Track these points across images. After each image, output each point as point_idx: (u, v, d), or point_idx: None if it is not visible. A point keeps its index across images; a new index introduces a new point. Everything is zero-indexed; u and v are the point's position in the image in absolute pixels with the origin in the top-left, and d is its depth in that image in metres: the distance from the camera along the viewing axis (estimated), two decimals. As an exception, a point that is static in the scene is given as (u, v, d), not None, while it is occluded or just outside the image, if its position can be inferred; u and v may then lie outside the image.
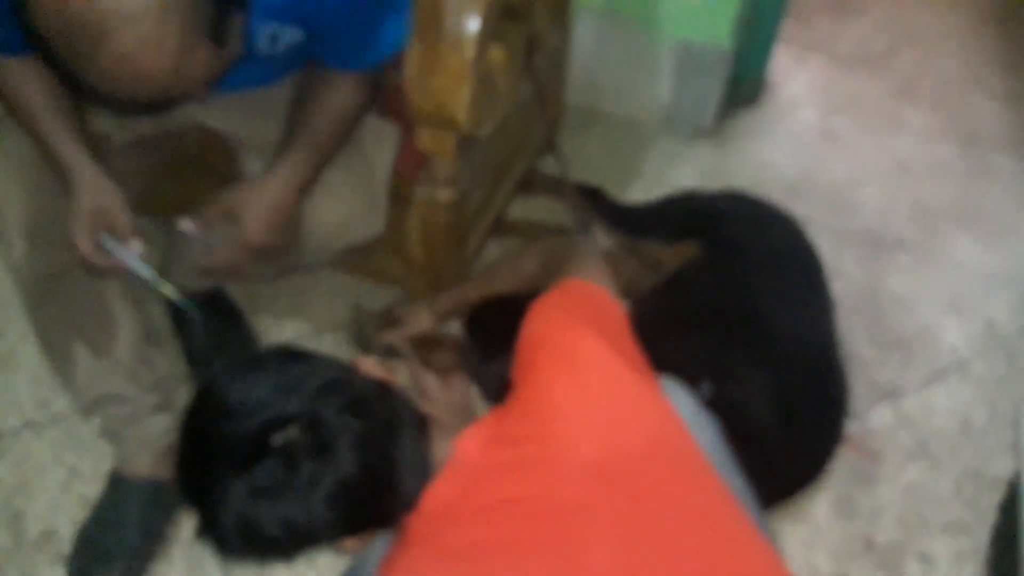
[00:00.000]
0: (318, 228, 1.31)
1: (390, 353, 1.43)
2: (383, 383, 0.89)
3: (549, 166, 1.95)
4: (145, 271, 1.16)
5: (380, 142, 1.37)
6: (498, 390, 1.27)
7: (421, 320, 1.42)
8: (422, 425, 0.88)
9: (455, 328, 1.46)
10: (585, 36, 2.00)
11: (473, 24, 1.20)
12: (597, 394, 0.86)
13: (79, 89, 0.91)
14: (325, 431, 0.80)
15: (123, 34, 0.81)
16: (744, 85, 2.18)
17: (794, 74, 2.30)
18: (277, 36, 1.12)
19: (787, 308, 1.41)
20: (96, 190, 1.13)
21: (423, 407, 0.90)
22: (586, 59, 2.05)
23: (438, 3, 1.21)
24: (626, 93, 2.12)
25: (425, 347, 1.42)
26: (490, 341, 1.31)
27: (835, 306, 1.52)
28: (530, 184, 1.90)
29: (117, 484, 1.31)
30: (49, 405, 1.48)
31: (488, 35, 1.25)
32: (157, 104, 0.93)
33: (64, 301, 1.25)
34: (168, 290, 1.18)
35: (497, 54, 1.31)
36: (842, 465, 1.47)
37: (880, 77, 2.33)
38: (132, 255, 1.14)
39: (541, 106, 1.72)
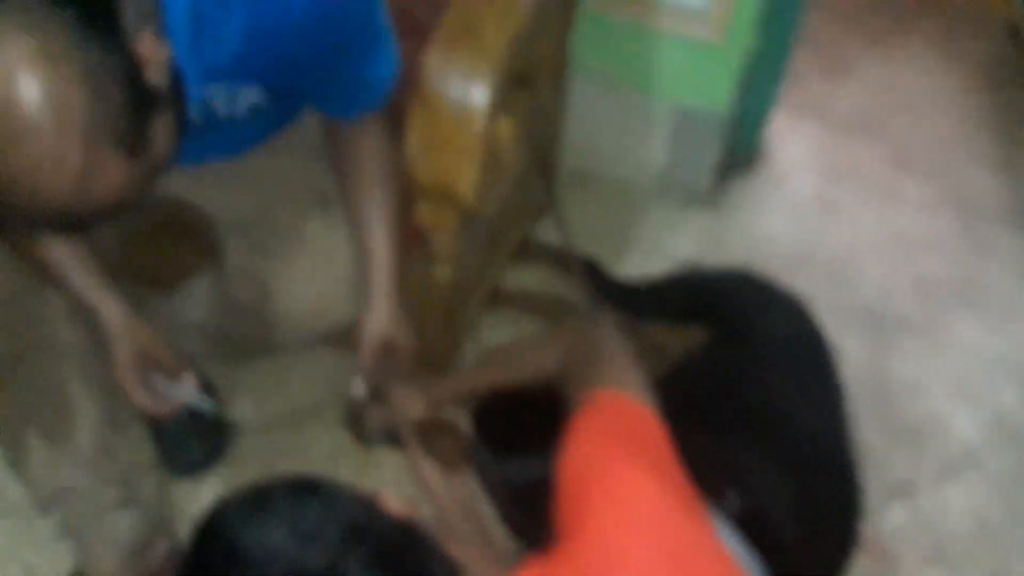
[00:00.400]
0: (290, 311, 1.21)
1: (389, 440, 1.31)
2: (408, 525, 0.77)
3: (543, 233, 1.86)
4: (206, 404, 1.18)
5: None
6: (505, 495, 1.16)
7: (415, 404, 1.30)
8: None
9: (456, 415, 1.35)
10: (580, 97, 1.91)
11: (482, 96, 1.11)
12: (659, 551, 0.75)
13: None
14: None
15: (11, 156, 0.68)
16: (740, 150, 2.11)
17: (789, 139, 2.23)
18: (233, 97, 1.00)
19: (802, 402, 1.31)
20: (132, 334, 1.10)
21: (452, 551, 0.78)
22: (580, 120, 1.96)
23: (443, 69, 1.11)
24: (621, 156, 2.04)
25: (428, 434, 1.30)
26: (499, 439, 1.18)
27: (846, 396, 1.43)
28: (525, 251, 1.80)
29: (76, 590, 1.18)
30: (3, 494, 1.33)
31: (498, 107, 1.16)
32: (73, 225, 0.80)
33: (16, 385, 1.11)
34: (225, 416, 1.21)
35: (505, 126, 1.22)
36: (857, 571, 1.37)
37: (876, 143, 2.27)
38: (189, 391, 1.14)
39: (541, 172, 1.63)
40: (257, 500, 0.73)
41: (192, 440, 1.41)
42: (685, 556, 0.77)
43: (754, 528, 1.08)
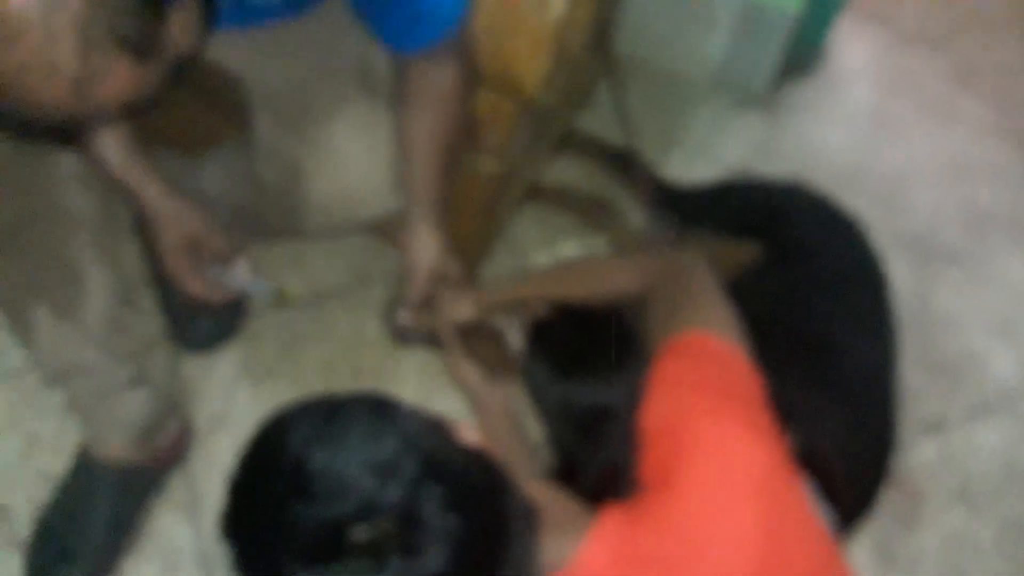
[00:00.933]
0: (319, 198, 1.09)
1: (431, 341, 1.21)
2: (486, 462, 0.68)
3: (586, 122, 1.72)
4: (263, 288, 1.13)
5: None
6: (560, 415, 1.08)
7: (463, 308, 1.19)
8: (532, 522, 0.68)
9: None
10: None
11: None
12: (755, 515, 0.67)
13: None
14: (422, 531, 0.59)
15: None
16: (801, 53, 1.94)
17: (852, 45, 2.06)
18: None
19: (858, 332, 1.23)
20: (180, 219, 1.04)
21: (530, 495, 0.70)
22: (638, 3, 1.79)
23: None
24: (676, 47, 1.87)
25: (471, 338, 1.20)
26: (557, 356, 1.08)
27: (898, 326, 1.35)
28: (568, 142, 1.66)
29: (84, 468, 1.10)
30: (5, 358, 1.24)
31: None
32: (75, 129, 0.67)
33: (23, 255, 1.00)
34: (289, 295, 1.18)
35: (582, 11, 1.06)
36: (883, 505, 1.32)
37: (938, 57, 2.10)
38: (243, 276, 1.09)
39: (602, 58, 1.47)
40: (331, 418, 0.64)
41: (205, 315, 1.31)
42: (779, 525, 0.69)
43: (811, 467, 1.01)
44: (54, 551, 1.07)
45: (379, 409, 0.66)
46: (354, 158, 1.07)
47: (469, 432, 0.69)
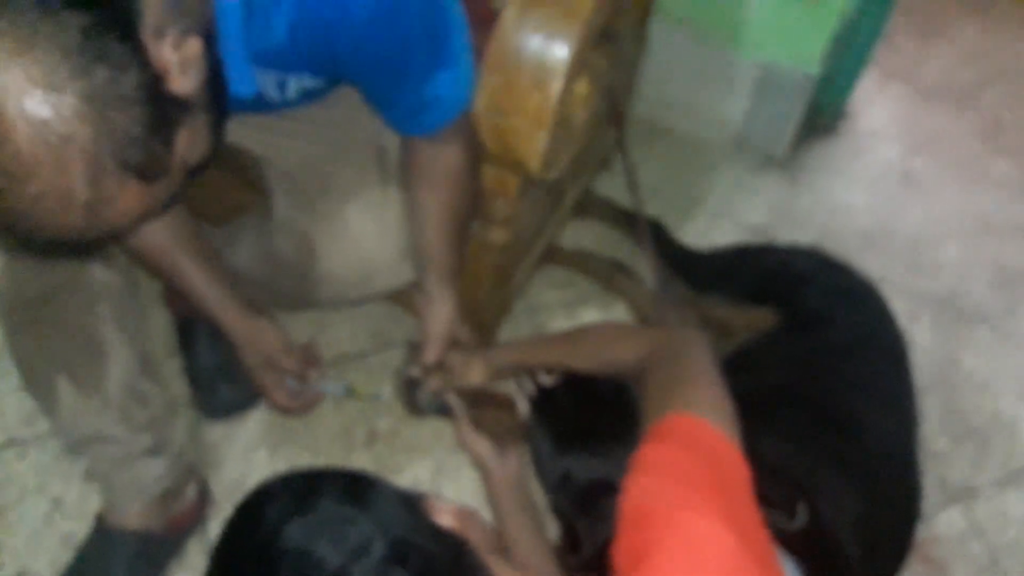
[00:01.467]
0: (334, 274, 1.11)
1: (442, 411, 1.22)
2: (456, 542, 0.68)
3: (605, 187, 1.72)
4: (338, 388, 1.23)
5: None
6: (560, 486, 1.06)
7: (473, 371, 1.19)
8: None
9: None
10: (659, 46, 1.74)
11: (563, 57, 0.96)
12: None
13: None
14: None
15: (11, 193, 0.58)
16: (823, 113, 1.93)
17: (875, 103, 2.03)
18: (283, 84, 0.90)
19: (877, 406, 1.18)
20: (255, 340, 1.11)
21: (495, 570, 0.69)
22: (656, 70, 1.79)
23: (521, 25, 0.96)
24: (696, 111, 1.87)
25: (481, 406, 1.20)
26: (560, 426, 1.07)
27: (917, 396, 1.30)
28: (585, 207, 1.66)
29: (102, 534, 1.11)
30: (36, 422, 1.27)
31: (578, 68, 1.01)
32: (89, 246, 0.70)
33: (48, 328, 1.04)
34: (364, 391, 1.27)
35: (582, 86, 1.07)
36: (907, 577, 1.27)
37: (966, 115, 2.06)
38: (319, 385, 1.18)
39: (613, 124, 1.48)
40: (304, 496, 0.65)
41: (226, 383, 1.33)
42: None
43: (818, 544, 0.98)
44: (72, 616, 1.08)
45: (354, 488, 0.66)
46: (367, 235, 1.09)
47: (444, 512, 0.69)
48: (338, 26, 0.79)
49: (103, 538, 1.11)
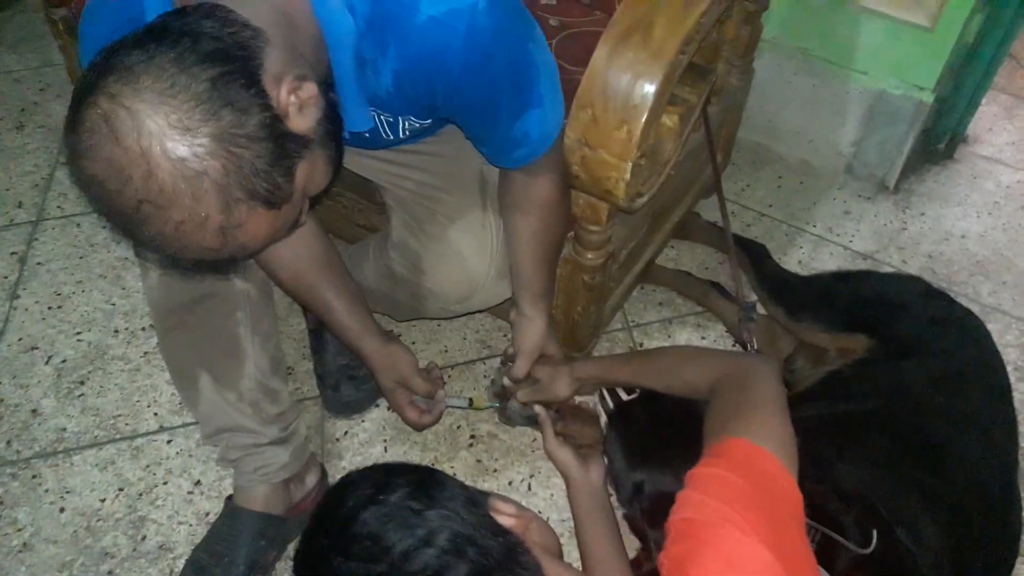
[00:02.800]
0: (438, 291, 1.20)
1: (531, 423, 1.29)
2: (514, 542, 0.74)
3: (709, 212, 1.73)
4: (462, 402, 1.33)
5: None
6: (632, 498, 1.10)
7: (561, 384, 1.25)
8: None
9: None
10: (768, 72, 1.74)
11: (647, 94, 1.00)
12: None
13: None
14: None
15: (156, 220, 0.69)
16: (939, 139, 1.86)
17: (1000, 127, 1.95)
18: (395, 123, 0.99)
19: (969, 439, 1.14)
20: (389, 365, 1.21)
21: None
22: (765, 96, 1.79)
23: (610, 65, 1.01)
24: (807, 137, 1.85)
25: (565, 417, 1.26)
26: (635, 442, 1.12)
27: (1020, 433, 1.25)
28: (686, 230, 1.68)
29: (231, 514, 1.23)
30: (184, 411, 1.42)
31: (662, 105, 1.05)
32: (225, 264, 0.82)
33: (193, 330, 1.16)
34: (483, 403, 1.35)
35: (669, 121, 1.11)
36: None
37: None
38: (444, 402, 1.27)
39: (711, 152, 1.50)
40: (381, 487, 0.73)
41: (349, 384, 1.43)
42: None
43: (892, 572, 0.96)
44: (202, 587, 1.20)
45: (425, 484, 0.73)
46: (467, 255, 1.16)
47: (506, 511, 0.75)
48: (435, 75, 0.87)
49: (231, 517, 1.23)
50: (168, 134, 0.65)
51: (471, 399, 1.33)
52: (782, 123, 1.85)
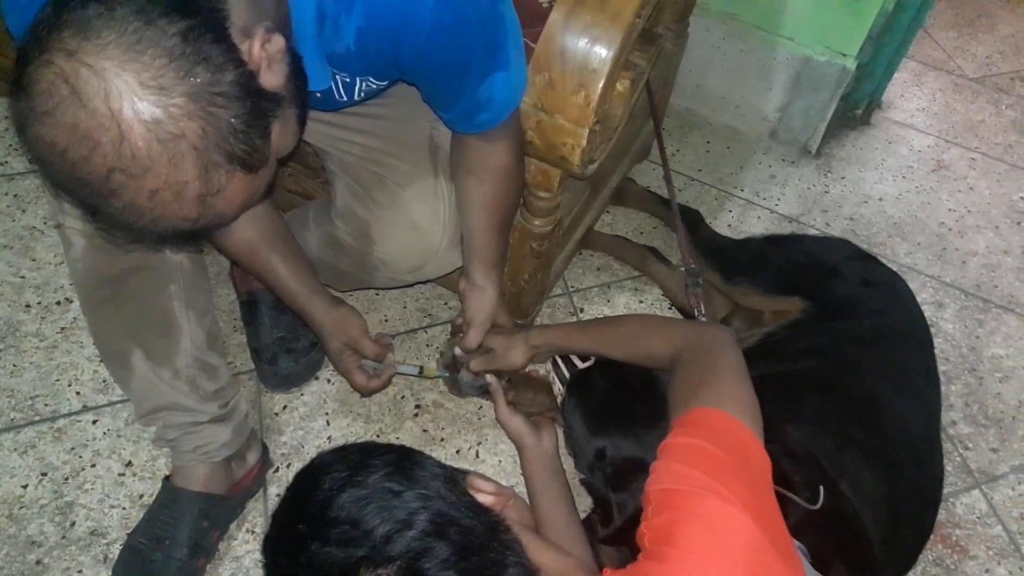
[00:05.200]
0: (387, 261, 1.16)
1: (481, 391, 1.26)
2: (494, 520, 0.72)
3: (642, 176, 1.73)
4: (412, 369, 1.28)
5: None
6: (592, 464, 1.09)
7: (516, 353, 1.23)
8: None
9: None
10: (697, 37, 1.74)
11: (605, 58, 0.98)
12: None
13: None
14: None
15: (130, 189, 0.61)
16: (858, 104, 1.91)
17: (911, 94, 2.01)
18: (351, 84, 0.93)
19: (901, 393, 1.19)
20: (339, 328, 1.16)
21: (533, 557, 0.72)
22: (695, 62, 1.80)
23: (566, 29, 0.98)
24: (733, 103, 1.87)
25: (517, 387, 1.24)
26: (594, 409, 1.11)
27: (939, 384, 1.31)
28: (622, 195, 1.68)
29: (170, 495, 1.17)
30: (110, 389, 1.33)
31: (618, 70, 1.02)
32: (196, 234, 0.75)
33: (124, 305, 1.08)
34: (434, 372, 1.30)
35: (620, 86, 1.09)
36: (926, 557, 1.28)
37: (1004, 105, 2.03)
38: (392, 366, 1.23)
39: (655, 119, 1.49)
40: (357, 469, 0.69)
41: (286, 356, 1.38)
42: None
43: (838, 525, 1.00)
44: (139, 571, 1.13)
45: (403, 464, 0.70)
46: (419, 224, 1.12)
47: (485, 489, 0.73)
48: (403, 33, 0.81)
49: (170, 499, 1.16)
50: (140, 94, 0.58)
51: (421, 367, 1.29)
52: (709, 88, 1.87)
